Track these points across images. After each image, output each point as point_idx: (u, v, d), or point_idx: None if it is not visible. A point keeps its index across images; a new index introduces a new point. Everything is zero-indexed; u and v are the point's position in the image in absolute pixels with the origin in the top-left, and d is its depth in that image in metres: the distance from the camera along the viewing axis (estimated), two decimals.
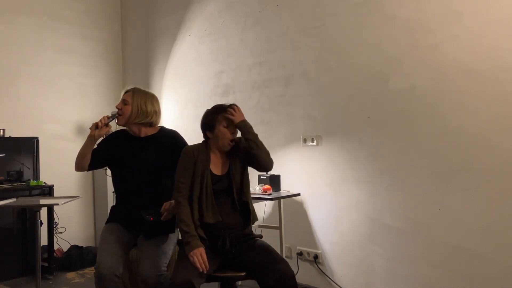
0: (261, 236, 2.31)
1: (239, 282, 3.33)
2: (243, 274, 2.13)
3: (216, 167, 2.28)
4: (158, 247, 2.28)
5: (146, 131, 2.45)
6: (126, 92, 2.47)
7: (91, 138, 2.36)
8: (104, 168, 2.66)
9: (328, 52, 3.33)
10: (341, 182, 3.26)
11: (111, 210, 2.56)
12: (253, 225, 2.39)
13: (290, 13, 3.57)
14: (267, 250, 2.16)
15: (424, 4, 2.83)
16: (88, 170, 2.46)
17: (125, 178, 2.45)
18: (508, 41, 2.51)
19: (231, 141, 2.26)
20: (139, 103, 2.40)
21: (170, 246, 2.32)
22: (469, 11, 2.64)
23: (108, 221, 2.48)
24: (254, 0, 3.83)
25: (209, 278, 2.13)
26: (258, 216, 2.42)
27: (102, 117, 2.39)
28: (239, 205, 2.24)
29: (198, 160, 2.24)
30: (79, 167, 2.44)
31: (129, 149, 2.43)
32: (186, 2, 4.47)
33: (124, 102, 2.42)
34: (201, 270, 2.02)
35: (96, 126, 2.35)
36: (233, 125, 2.25)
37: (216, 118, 2.26)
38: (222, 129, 2.24)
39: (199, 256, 2.04)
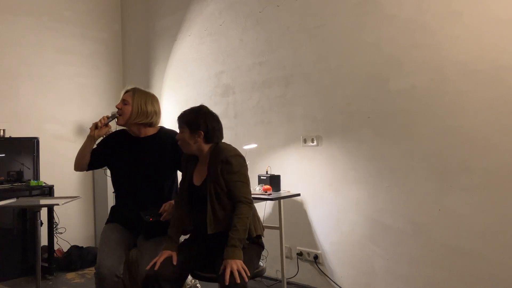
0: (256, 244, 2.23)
1: None
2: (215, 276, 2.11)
3: (198, 175, 2.22)
4: (158, 247, 2.27)
5: (146, 131, 2.45)
6: (126, 92, 2.46)
7: (90, 138, 2.36)
8: (104, 168, 2.65)
9: (328, 52, 3.33)
10: (341, 182, 3.26)
11: (111, 210, 2.56)
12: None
13: (290, 13, 3.57)
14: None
15: (424, 4, 2.83)
16: (87, 170, 2.46)
17: (124, 179, 2.45)
18: (508, 41, 2.51)
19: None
20: (139, 103, 2.40)
21: None
22: (469, 11, 2.64)
23: (108, 221, 2.48)
24: (254, 0, 3.83)
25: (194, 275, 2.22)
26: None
27: (101, 117, 2.39)
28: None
29: (187, 167, 2.26)
30: (78, 167, 2.44)
31: (129, 149, 2.43)
32: (186, 2, 4.47)
33: (124, 102, 2.41)
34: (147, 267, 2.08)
35: (95, 126, 2.35)
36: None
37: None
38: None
39: (159, 257, 2.09)
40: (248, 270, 1.96)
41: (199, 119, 2.15)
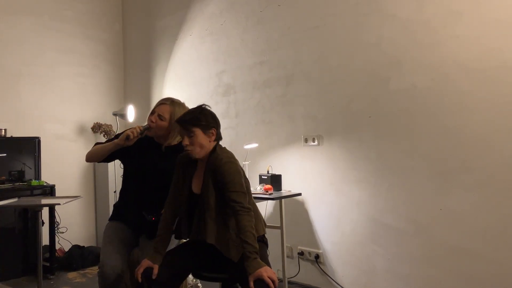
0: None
1: None
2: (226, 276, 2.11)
3: (197, 182, 2.13)
4: None
5: (170, 142, 2.42)
6: (162, 104, 2.38)
7: (117, 146, 2.31)
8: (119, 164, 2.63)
9: (328, 52, 3.33)
10: (342, 182, 3.27)
11: (114, 207, 2.55)
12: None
13: (291, 13, 3.57)
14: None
15: (424, 4, 2.83)
16: (99, 162, 2.45)
17: (135, 179, 2.42)
18: (508, 41, 2.51)
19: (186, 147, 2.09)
20: None
21: (171, 247, 2.32)
22: (469, 11, 2.65)
23: (111, 219, 2.47)
24: (255, 0, 3.83)
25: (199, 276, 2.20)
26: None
27: (134, 127, 2.30)
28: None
29: (185, 171, 2.16)
30: (91, 160, 2.43)
31: (148, 153, 2.39)
32: (187, 2, 4.48)
33: (159, 116, 2.34)
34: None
35: (127, 137, 2.27)
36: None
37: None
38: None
39: (139, 267, 2.06)
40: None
41: (208, 117, 2.08)
